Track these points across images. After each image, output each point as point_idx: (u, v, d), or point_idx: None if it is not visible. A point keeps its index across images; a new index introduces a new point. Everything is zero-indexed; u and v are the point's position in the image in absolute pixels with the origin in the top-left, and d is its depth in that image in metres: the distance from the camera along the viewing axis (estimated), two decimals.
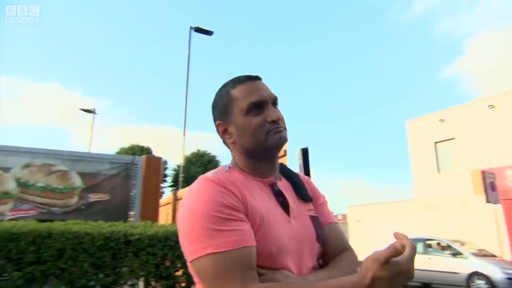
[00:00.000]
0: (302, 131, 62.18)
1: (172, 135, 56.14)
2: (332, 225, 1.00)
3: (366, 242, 15.74)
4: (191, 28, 12.55)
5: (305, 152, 4.71)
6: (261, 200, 0.86)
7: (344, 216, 27.85)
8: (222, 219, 0.75)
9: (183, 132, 11.71)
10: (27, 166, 5.09)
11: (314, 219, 0.95)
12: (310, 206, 0.99)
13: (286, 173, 1.03)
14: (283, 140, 0.90)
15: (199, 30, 12.56)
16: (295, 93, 64.19)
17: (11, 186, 4.94)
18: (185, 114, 11.90)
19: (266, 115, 0.89)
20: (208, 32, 12.69)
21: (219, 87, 0.99)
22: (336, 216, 35.53)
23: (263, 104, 0.90)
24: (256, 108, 0.89)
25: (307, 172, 4.56)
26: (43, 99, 51.65)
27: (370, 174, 64.58)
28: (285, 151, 4.33)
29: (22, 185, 4.99)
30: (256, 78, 0.95)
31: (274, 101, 0.94)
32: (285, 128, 0.93)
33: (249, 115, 0.89)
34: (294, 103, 64.35)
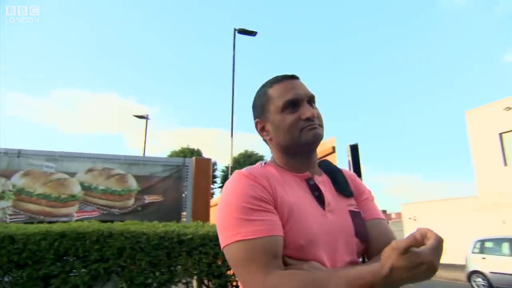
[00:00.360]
0: (354, 127, 60.41)
1: (221, 136, 57.50)
2: (378, 220, 0.97)
3: None
4: (235, 30, 12.78)
5: (354, 149, 4.55)
6: (294, 194, 0.88)
7: (399, 214, 26.61)
8: (252, 209, 0.80)
9: (231, 134, 11.95)
10: (89, 170, 5.50)
11: (354, 214, 0.94)
12: (352, 201, 0.98)
13: (328, 168, 1.03)
14: (318, 137, 0.92)
15: (242, 31, 12.74)
16: (347, 89, 62.54)
17: (76, 189, 5.37)
18: (232, 116, 12.14)
19: (300, 112, 0.92)
20: (252, 33, 12.83)
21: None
22: (389, 214, 33.97)
23: (298, 102, 0.93)
24: (291, 106, 0.92)
25: (357, 169, 4.40)
26: (102, 108, 55.74)
27: (425, 170, 60.70)
28: (334, 147, 4.21)
29: (86, 188, 5.40)
30: (293, 77, 0.98)
31: (310, 99, 0.96)
32: (320, 125, 0.94)
33: (284, 113, 0.92)
34: (346, 99, 62.78)
